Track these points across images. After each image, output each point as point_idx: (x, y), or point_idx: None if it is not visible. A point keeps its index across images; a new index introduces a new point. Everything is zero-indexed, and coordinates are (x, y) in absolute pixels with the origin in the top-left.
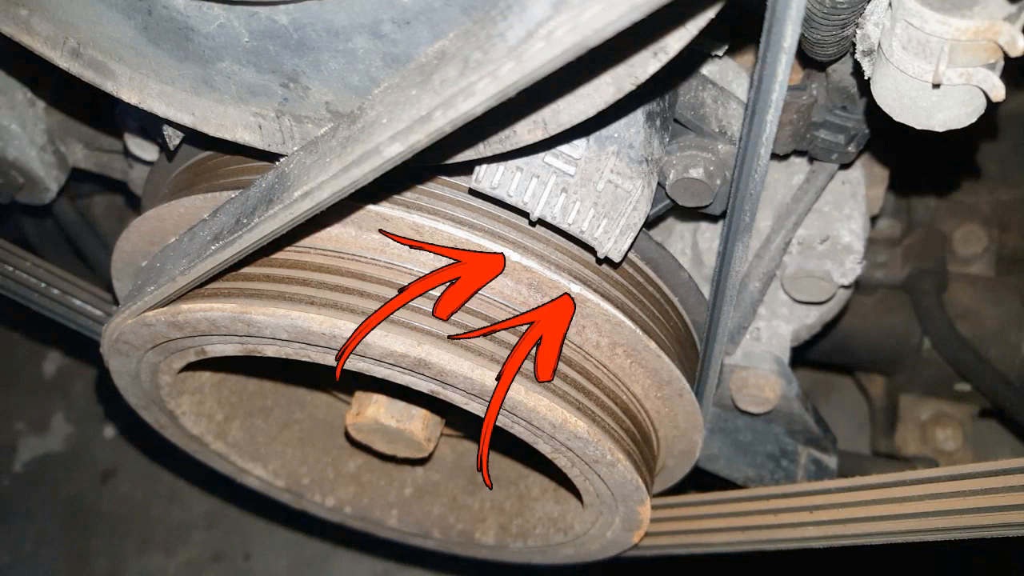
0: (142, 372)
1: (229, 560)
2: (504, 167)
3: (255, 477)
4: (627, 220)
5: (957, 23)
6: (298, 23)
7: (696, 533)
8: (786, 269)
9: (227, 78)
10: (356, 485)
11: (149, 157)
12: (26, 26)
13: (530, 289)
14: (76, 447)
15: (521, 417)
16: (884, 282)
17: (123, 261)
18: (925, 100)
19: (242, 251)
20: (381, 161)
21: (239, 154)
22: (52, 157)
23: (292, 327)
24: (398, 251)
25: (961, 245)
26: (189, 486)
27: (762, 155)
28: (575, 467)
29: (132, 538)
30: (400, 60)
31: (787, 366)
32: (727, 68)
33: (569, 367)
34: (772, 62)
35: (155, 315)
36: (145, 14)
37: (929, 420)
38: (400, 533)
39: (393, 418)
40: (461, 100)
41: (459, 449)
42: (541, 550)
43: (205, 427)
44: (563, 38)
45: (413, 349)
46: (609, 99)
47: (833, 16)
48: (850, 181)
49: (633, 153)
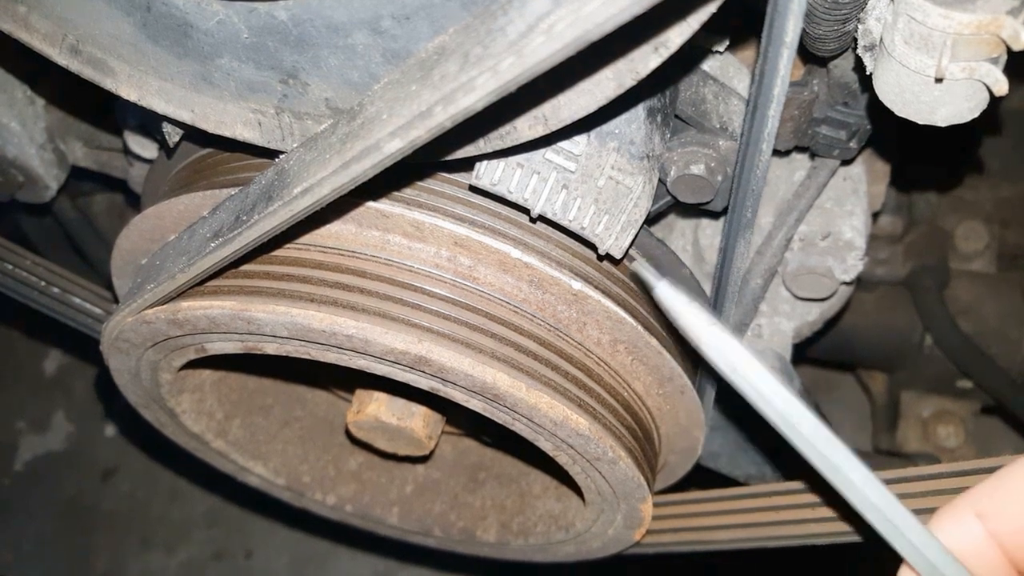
0: (142, 370)
1: (230, 558)
2: (504, 163)
3: (256, 475)
4: (628, 217)
5: (960, 17)
6: (297, 19)
7: (698, 531)
8: (788, 266)
9: (226, 74)
10: (357, 483)
11: (149, 155)
12: (24, 23)
13: (531, 286)
14: (77, 446)
15: (522, 414)
16: (885, 279)
17: (123, 259)
18: (927, 95)
19: (242, 248)
20: (381, 157)
21: (239, 151)
22: (52, 155)
23: (292, 324)
24: (398, 248)
25: (962, 242)
26: (190, 484)
27: (764, 150)
28: (576, 464)
29: (133, 536)
30: (400, 56)
31: (789, 363)
32: (728, 64)
33: (570, 364)
34: (774, 57)
35: (155, 313)
36: (144, 11)
37: (931, 417)
38: (401, 531)
39: (394, 416)
40: (461, 95)
41: (460, 447)
42: (542, 548)
43: (205, 425)
44: (564, 32)
45: (414, 346)
46: (610, 94)
47: (835, 11)
48: (851, 177)
49: (634, 149)
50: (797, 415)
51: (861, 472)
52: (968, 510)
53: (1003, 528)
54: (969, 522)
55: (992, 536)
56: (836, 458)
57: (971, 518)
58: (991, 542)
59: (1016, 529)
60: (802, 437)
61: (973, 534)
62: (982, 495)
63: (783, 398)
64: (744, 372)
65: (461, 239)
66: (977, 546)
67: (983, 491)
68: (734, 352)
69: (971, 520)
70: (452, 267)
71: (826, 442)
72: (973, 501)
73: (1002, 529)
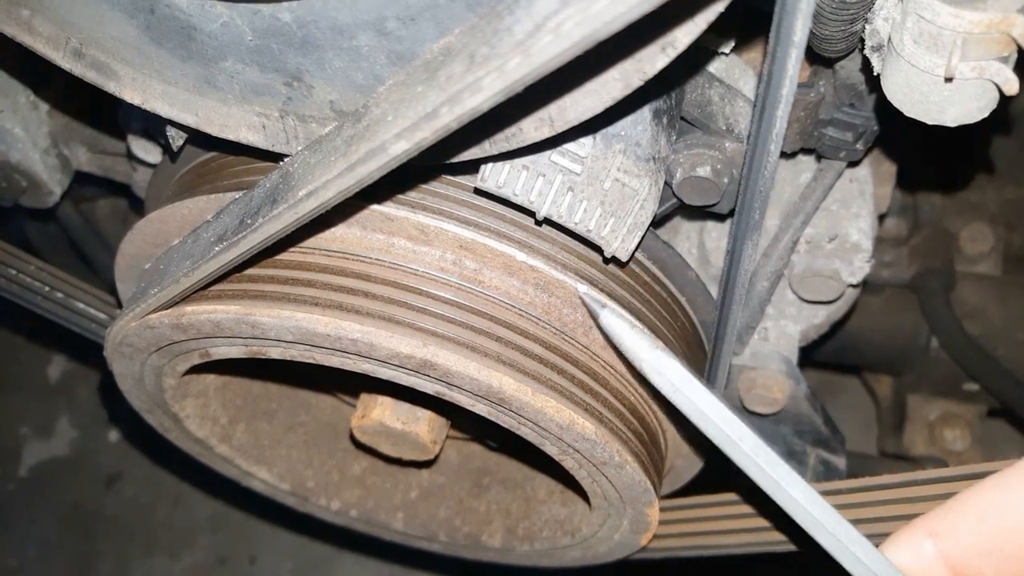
0: (146, 375)
1: (234, 564)
2: (510, 166)
3: (260, 480)
4: (634, 219)
5: (970, 16)
6: (302, 21)
7: (705, 535)
8: (794, 268)
9: (230, 77)
10: (361, 488)
11: (152, 159)
12: (28, 27)
13: (536, 289)
14: (80, 451)
15: (528, 418)
16: (891, 281)
17: (127, 264)
18: (937, 95)
19: (246, 252)
20: (387, 159)
21: (243, 155)
22: (55, 160)
23: (297, 329)
24: (403, 251)
25: (968, 244)
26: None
27: (772, 151)
28: (583, 469)
29: (137, 542)
30: (405, 57)
31: (795, 366)
32: (733, 66)
33: (576, 367)
34: (782, 57)
35: (159, 317)
36: (148, 13)
37: (937, 420)
38: (406, 536)
39: (398, 420)
40: (468, 96)
41: (465, 451)
42: (548, 553)
43: (209, 430)
44: (572, 31)
45: (419, 350)
46: (617, 95)
47: (842, 11)
48: (858, 179)
49: (640, 151)
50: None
51: (803, 489)
52: (923, 532)
53: (955, 551)
54: (922, 543)
55: (944, 559)
56: (778, 475)
57: (925, 539)
58: (943, 564)
59: (968, 553)
60: (744, 455)
61: (925, 556)
62: (938, 517)
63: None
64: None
65: (466, 242)
66: (928, 567)
67: (939, 513)
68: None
69: (924, 542)
70: (457, 270)
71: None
72: (928, 523)
73: (954, 552)
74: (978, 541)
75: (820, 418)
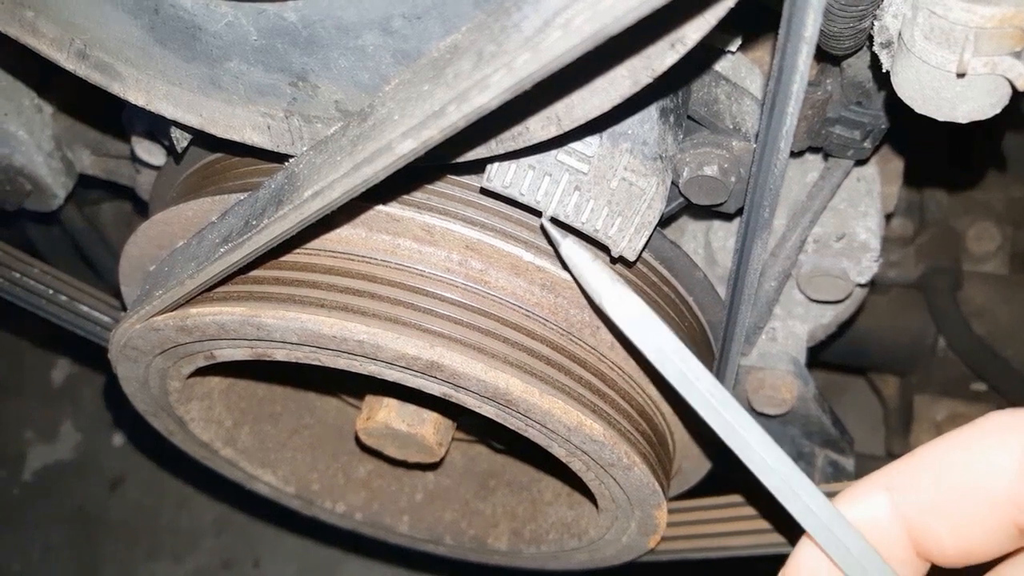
0: (151, 378)
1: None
2: (516, 165)
3: (264, 483)
4: (641, 218)
5: (983, 10)
6: (307, 20)
7: (713, 537)
8: (802, 268)
9: (235, 78)
10: (367, 491)
11: (156, 161)
12: (32, 28)
13: (543, 289)
14: (85, 455)
15: (535, 420)
16: (897, 281)
17: (131, 266)
18: (948, 91)
19: (251, 253)
20: (393, 158)
21: (248, 155)
22: (59, 163)
23: (302, 330)
24: (409, 252)
25: (974, 243)
26: (198, 493)
27: (782, 148)
28: (590, 471)
29: (141, 546)
30: (411, 56)
31: (803, 366)
32: (740, 64)
33: (584, 368)
34: (792, 53)
35: (163, 319)
36: (152, 13)
37: (944, 420)
38: (411, 539)
39: (404, 422)
40: (475, 94)
41: (470, 453)
42: (555, 555)
43: (214, 433)
44: (582, 27)
45: (425, 352)
46: (625, 93)
47: (851, 8)
48: (865, 178)
49: (647, 150)
50: (694, 373)
51: (757, 433)
52: (879, 486)
53: (910, 507)
54: (877, 498)
55: (899, 515)
56: (731, 417)
57: (880, 494)
58: (897, 520)
59: (922, 509)
60: (699, 394)
61: (879, 509)
62: (895, 472)
63: (682, 355)
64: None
65: (472, 242)
66: (881, 521)
67: (896, 468)
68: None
69: (879, 496)
70: (463, 271)
71: (722, 401)
72: (885, 477)
73: (909, 509)
74: (934, 498)
75: (828, 419)
